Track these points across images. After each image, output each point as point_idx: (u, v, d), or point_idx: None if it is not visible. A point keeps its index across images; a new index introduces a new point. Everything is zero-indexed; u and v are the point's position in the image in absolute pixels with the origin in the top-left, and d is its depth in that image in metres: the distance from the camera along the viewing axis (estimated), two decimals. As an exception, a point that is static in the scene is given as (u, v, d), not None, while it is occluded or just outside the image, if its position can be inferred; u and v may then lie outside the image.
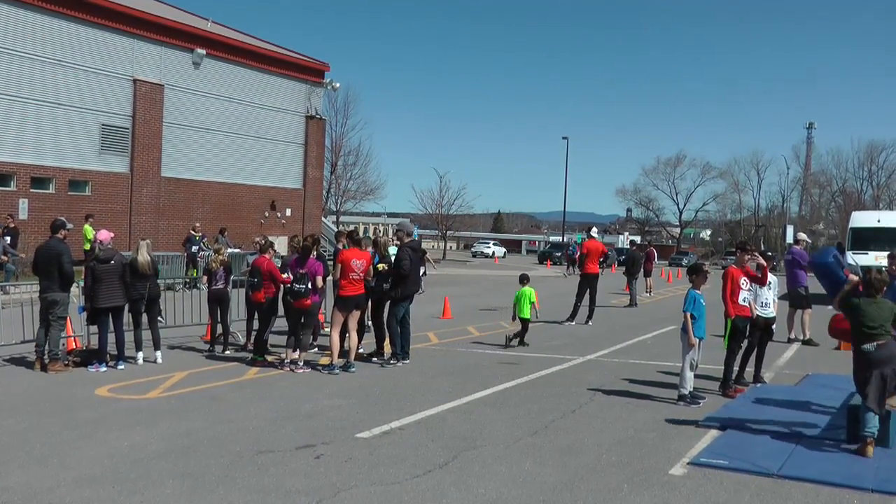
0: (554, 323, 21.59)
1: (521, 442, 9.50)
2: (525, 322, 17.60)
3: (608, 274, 54.29)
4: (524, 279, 18.44)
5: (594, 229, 24.88)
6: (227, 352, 15.74)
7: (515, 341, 17.33)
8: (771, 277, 13.31)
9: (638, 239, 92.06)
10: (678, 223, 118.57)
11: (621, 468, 8.55)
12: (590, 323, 21.67)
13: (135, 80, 36.39)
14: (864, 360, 9.31)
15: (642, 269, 31.52)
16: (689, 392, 11.77)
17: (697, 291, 11.87)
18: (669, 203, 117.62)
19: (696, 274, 12.13)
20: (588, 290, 22.34)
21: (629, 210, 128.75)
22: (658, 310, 27.25)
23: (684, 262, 76.01)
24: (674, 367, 13.83)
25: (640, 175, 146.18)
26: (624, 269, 32.11)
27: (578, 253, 23.29)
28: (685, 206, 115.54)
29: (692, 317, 11.65)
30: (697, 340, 11.63)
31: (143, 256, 14.43)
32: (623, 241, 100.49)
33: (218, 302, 16.02)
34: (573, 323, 21.52)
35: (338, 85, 49.68)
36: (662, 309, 27.40)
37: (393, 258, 14.96)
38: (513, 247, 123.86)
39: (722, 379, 12.62)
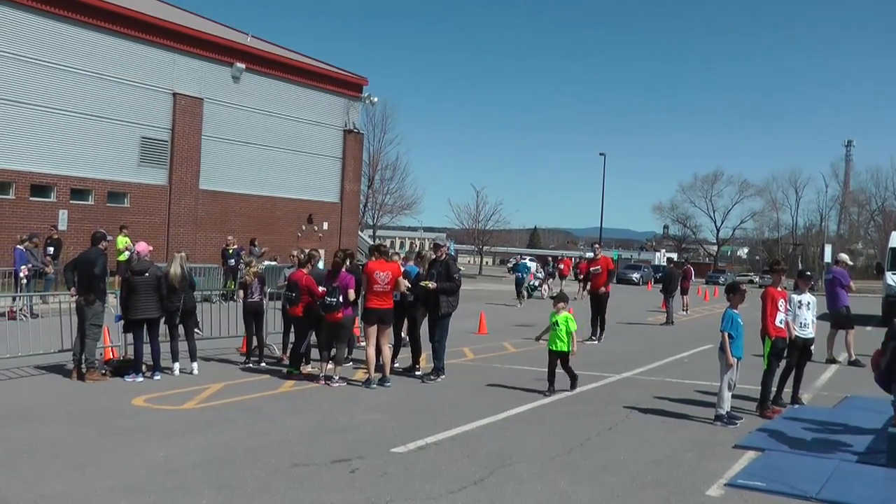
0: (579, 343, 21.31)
1: (556, 459, 9.44)
2: (557, 357, 13.94)
3: (644, 291, 54.08)
4: (561, 299, 14.64)
5: (597, 246, 24.58)
6: (262, 364, 15.81)
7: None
8: (809, 297, 13.18)
9: (675, 256, 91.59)
10: (715, 241, 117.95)
11: (658, 488, 8.47)
12: (599, 340, 21.34)
13: (174, 94, 36.73)
14: None
15: (679, 287, 31.29)
16: (727, 412, 11.64)
17: (735, 310, 11.75)
18: (707, 220, 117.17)
19: (734, 293, 12.00)
20: (599, 307, 21.91)
21: (666, 227, 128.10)
22: (695, 328, 27.04)
23: (721, 280, 75.52)
24: (711, 387, 13.70)
25: (677, 192, 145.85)
26: (661, 286, 31.89)
27: (582, 272, 22.91)
28: (722, 223, 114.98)
29: (730, 336, 11.53)
30: (735, 360, 11.50)
31: (175, 269, 14.53)
32: (660, 258, 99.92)
33: (253, 315, 16.10)
34: (597, 342, 21.19)
35: (376, 99, 49.78)
36: (699, 327, 27.19)
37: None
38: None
39: (760, 399, 12.48)
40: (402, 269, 14.87)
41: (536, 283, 42.12)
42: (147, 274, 14.01)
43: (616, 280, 65.12)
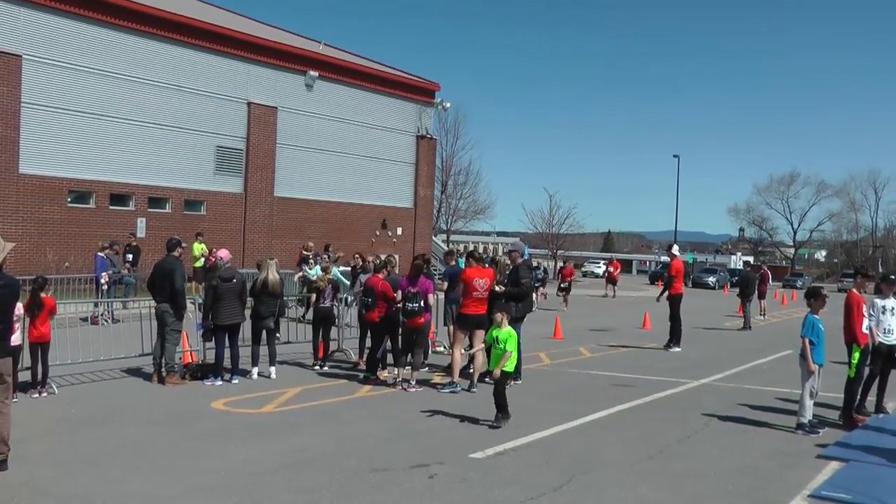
0: (656, 349, 21.07)
1: (635, 466, 9.34)
2: (500, 379, 11.52)
3: (720, 295, 53.37)
4: (501, 311, 11.99)
5: (676, 247, 23.93)
6: (325, 367, 15.90)
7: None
8: (893, 302, 12.85)
9: (751, 259, 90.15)
10: (792, 243, 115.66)
11: (739, 498, 8.32)
12: (667, 348, 20.73)
13: (249, 103, 37.20)
14: None
15: (756, 291, 30.78)
16: (809, 420, 11.39)
17: (816, 316, 11.50)
18: (783, 222, 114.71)
19: (815, 298, 11.72)
20: (674, 311, 21.20)
21: (741, 230, 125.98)
22: (773, 333, 26.58)
23: (799, 283, 74.21)
24: (791, 394, 13.42)
25: (752, 193, 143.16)
26: (738, 290, 31.39)
27: (667, 274, 22.17)
28: (799, 225, 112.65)
29: (811, 342, 11.30)
30: (817, 367, 11.26)
31: (273, 275, 14.87)
32: (735, 261, 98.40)
33: (324, 320, 16.23)
34: (679, 349, 20.85)
35: (448, 105, 49.87)
36: (778, 333, 26.71)
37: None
38: (623, 267, 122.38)
39: (843, 407, 12.16)
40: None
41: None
42: (234, 280, 14.26)
43: (691, 284, 64.50)
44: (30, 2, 29.27)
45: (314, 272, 22.30)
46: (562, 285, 35.39)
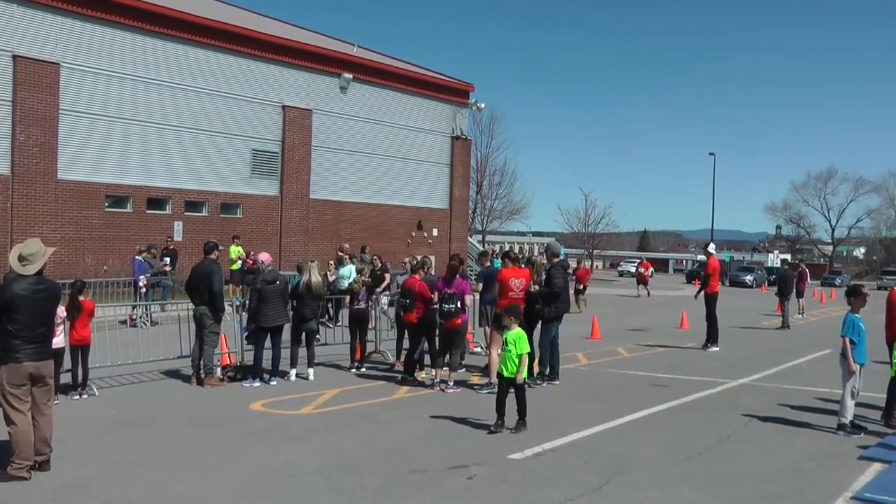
0: (694, 349, 20.92)
1: (675, 467, 9.26)
2: (508, 385, 11.15)
3: (757, 294, 52.95)
4: (511, 313, 11.58)
5: (712, 245, 23.63)
6: (363, 369, 15.94)
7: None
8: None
9: (788, 257, 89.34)
10: (830, 241, 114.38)
11: (782, 499, 8.22)
12: (716, 348, 20.47)
13: (284, 107, 37.37)
14: None
15: (795, 290, 30.46)
16: (850, 421, 11.22)
17: (856, 315, 11.35)
18: (821, 220, 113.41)
19: (855, 296, 11.55)
20: (711, 311, 20.95)
21: (779, 227, 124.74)
22: (812, 332, 26.31)
23: (837, 282, 73.45)
24: (832, 394, 13.32)
25: (789, 191, 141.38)
26: (775, 289, 31.11)
27: (704, 272, 21.91)
28: (837, 222, 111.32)
29: (851, 341, 11.16)
30: (858, 367, 11.11)
31: (317, 277, 15.01)
32: (773, 259, 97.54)
33: (359, 321, 16.27)
34: (717, 349, 20.62)
35: (482, 105, 49.83)
36: (817, 332, 26.45)
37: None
38: (659, 266, 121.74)
39: (885, 408, 11.91)
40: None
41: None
42: (278, 283, 14.37)
43: (728, 283, 64.05)
44: (67, 10, 29.59)
45: (347, 273, 22.44)
46: (578, 287, 33.12)
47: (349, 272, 22.62)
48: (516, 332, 11.11)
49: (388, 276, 21.42)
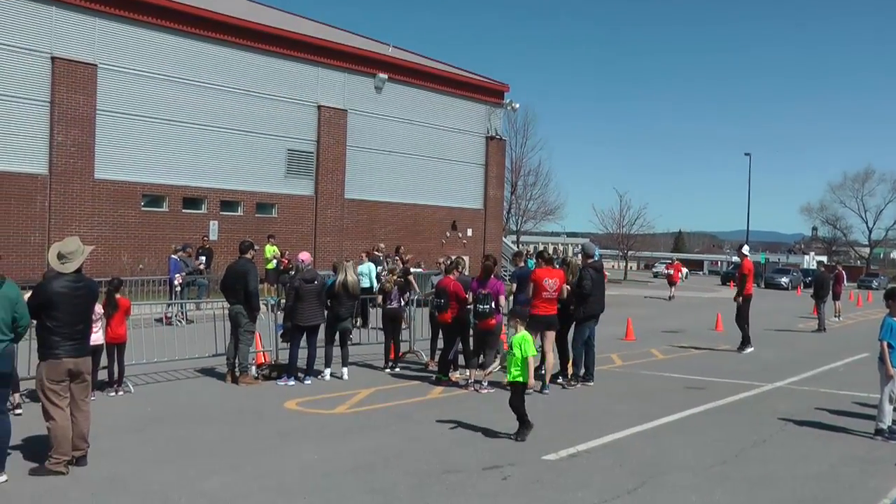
0: (729, 351, 20.74)
1: (710, 471, 9.18)
2: (516, 389, 10.70)
3: (793, 296, 52.50)
4: (515, 315, 11.42)
5: (746, 247, 23.40)
6: (397, 369, 15.96)
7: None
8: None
9: (824, 259, 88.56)
10: (867, 243, 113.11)
11: (818, 505, 8.20)
12: (749, 349, 20.33)
13: (319, 107, 37.49)
14: None
15: (831, 292, 30.16)
16: (888, 426, 11.04)
17: (894, 318, 11.23)
18: (858, 221, 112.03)
19: (893, 299, 11.39)
20: (743, 313, 20.69)
21: (815, 229, 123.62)
22: (849, 335, 26.05)
23: (874, 284, 72.73)
24: (869, 399, 13.17)
25: (826, 192, 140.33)
26: (811, 291, 30.82)
27: (738, 274, 21.69)
28: (874, 223, 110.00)
29: (889, 346, 11.01)
30: None
31: (352, 276, 15.06)
32: (808, 261, 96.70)
33: (393, 321, 16.29)
34: (752, 349, 20.43)
35: (517, 105, 49.72)
36: (853, 335, 26.19)
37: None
38: (694, 267, 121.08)
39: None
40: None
41: None
42: (316, 282, 14.43)
43: (764, 284, 63.61)
44: (104, 12, 29.85)
45: (367, 271, 22.60)
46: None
47: (368, 270, 22.72)
48: (521, 336, 10.79)
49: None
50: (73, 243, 8.95)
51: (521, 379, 10.56)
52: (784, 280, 66.70)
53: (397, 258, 25.51)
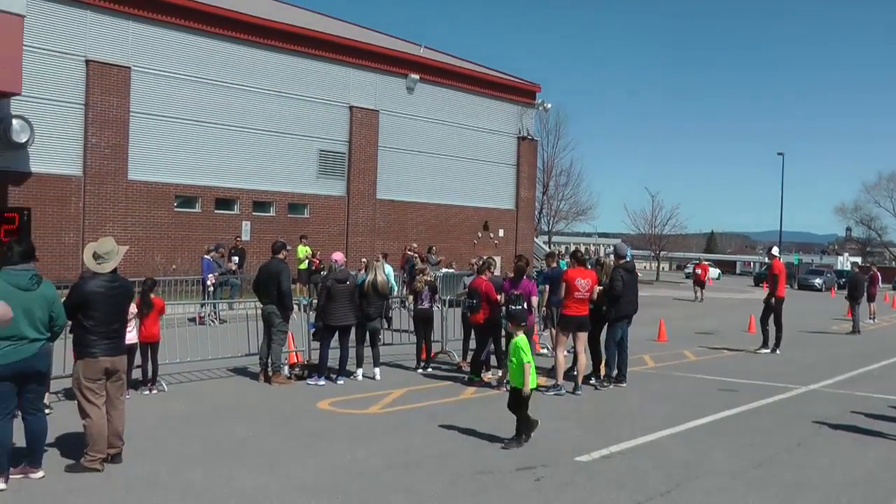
0: (763, 353, 20.56)
1: (744, 474, 9.09)
2: (517, 395, 10.31)
3: (827, 298, 52.03)
4: (513, 318, 11.14)
5: (776, 248, 23.18)
6: (429, 369, 15.94)
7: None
8: None
9: (859, 260, 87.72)
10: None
11: (855, 511, 8.10)
12: (777, 351, 20.12)
13: (351, 107, 37.61)
14: None
15: (866, 294, 29.84)
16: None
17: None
18: (893, 221, 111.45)
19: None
20: (775, 316, 20.51)
21: (849, 229, 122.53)
22: (884, 338, 25.76)
23: (911, 285, 71.88)
24: (906, 401, 13.09)
25: (860, 192, 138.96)
26: (846, 293, 30.51)
27: (769, 275, 21.48)
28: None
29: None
30: (935, 372, 10.90)
31: (382, 276, 15.08)
32: (842, 262, 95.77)
33: (424, 321, 16.31)
34: (768, 350, 20.22)
35: (549, 105, 49.65)
36: (889, 337, 25.91)
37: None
38: (727, 268, 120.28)
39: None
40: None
41: None
42: (348, 282, 14.47)
43: (797, 286, 63.10)
44: (138, 16, 30.11)
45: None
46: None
47: (387, 272, 22.74)
48: (516, 341, 10.35)
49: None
50: (108, 244, 9.04)
51: (518, 385, 10.20)
52: (818, 281, 66.09)
53: (415, 257, 25.54)
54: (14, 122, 26.25)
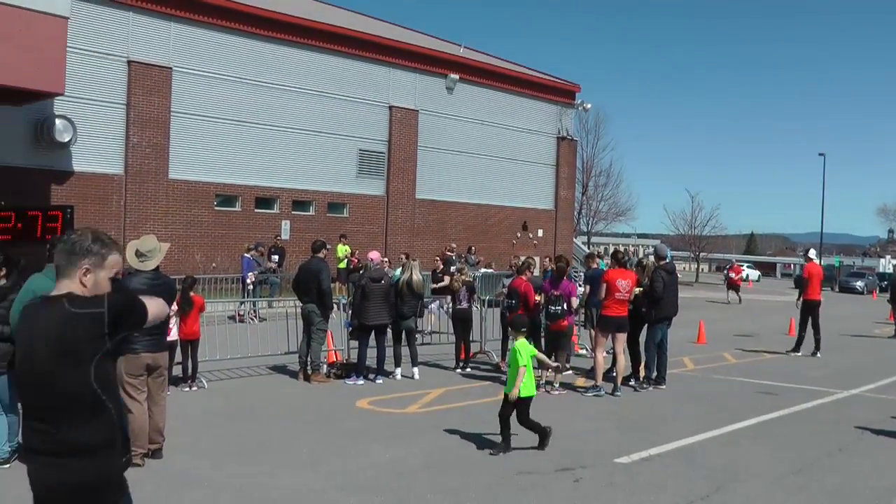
0: (804, 356, 20.29)
1: (785, 479, 8.99)
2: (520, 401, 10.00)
3: (868, 300, 51.45)
4: (514, 325, 10.79)
5: (812, 251, 22.98)
6: (468, 369, 15.94)
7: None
8: None
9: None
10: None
11: (898, 517, 7.98)
12: (818, 355, 19.81)
13: (390, 107, 37.65)
14: None
15: (909, 297, 29.42)
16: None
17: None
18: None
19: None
20: (811, 319, 20.26)
21: (891, 231, 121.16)
22: (929, 341, 25.46)
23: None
24: (953, 407, 12.89)
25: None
26: (888, 295, 30.09)
27: (801, 278, 21.31)
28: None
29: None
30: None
31: (418, 276, 15.08)
32: (885, 265, 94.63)
33: (462, 321, 16.30)
34: (799, 353, 19.97)
35: (589, 106, 49.36)
36: (935, 340, 25.59)
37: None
38: (767, 270, 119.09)
39: None
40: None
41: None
42: (383, 281, 14.50)
43: (838, 288, 62.44)
44: (179, 17, 30.32)
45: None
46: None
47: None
48: (516, 346, 10.08)
49: (449, 279, 20.31)
50: (150, 241, 9.13)
51: (527, 393, 9.93)
52: (859, 284, 65.30)
53: (437, 258, 25.50)
54: (57, 121, 26.52)
